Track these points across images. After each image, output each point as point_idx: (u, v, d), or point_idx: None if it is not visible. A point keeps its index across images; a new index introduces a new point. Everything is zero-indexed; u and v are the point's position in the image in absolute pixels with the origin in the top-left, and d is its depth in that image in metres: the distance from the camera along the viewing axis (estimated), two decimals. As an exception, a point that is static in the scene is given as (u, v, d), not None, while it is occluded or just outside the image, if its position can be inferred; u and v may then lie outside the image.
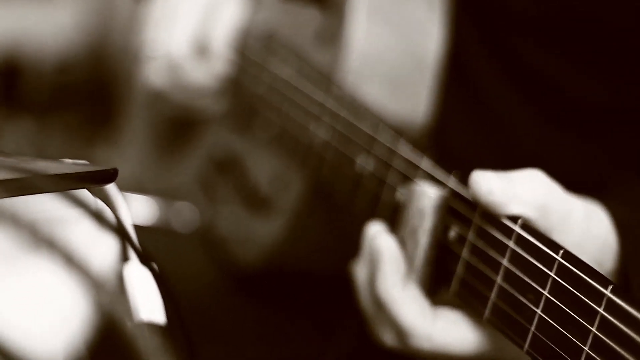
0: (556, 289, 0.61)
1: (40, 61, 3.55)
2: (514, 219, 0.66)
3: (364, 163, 0.86)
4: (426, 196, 0.71)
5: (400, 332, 0.71)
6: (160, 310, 0.75)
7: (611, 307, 0.56)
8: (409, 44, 0.98)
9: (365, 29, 0.97)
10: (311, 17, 1.04)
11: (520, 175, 0.68)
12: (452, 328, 0.70)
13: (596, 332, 0.57)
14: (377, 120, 0.87)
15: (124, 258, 0.74)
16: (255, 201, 1.11)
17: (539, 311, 0.62)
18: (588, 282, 0.59)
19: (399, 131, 0.83)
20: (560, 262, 0.61)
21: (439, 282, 0.72)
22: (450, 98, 0.98)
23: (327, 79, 0.97)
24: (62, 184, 0.64)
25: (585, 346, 0.58)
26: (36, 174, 0.62)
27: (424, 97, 0.98)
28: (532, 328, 0.62)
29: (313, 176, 0.99)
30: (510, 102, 0.99)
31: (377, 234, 0.74)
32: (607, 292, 0.57)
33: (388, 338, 0.74)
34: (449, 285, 0.71)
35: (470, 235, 0.69)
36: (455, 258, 0.70)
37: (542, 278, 0.62)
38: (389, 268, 0.71)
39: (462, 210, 0.70)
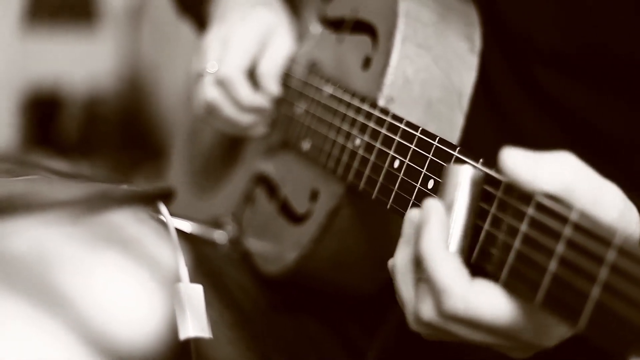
0: (572, 246, 0.65)
1: (80, 96, 3.60)
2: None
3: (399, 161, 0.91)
4: (463, 171, 0.77)
5: (437, 294, 0.73)
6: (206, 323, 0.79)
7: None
8: (449, 73, 1.03)
9: (408, 56, 1.02)
10: (362, 44, 1.10)
11: (549, 156, 0.71)
12: (487, 292, 0.71)
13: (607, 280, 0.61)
14: (413, 127, 0.92)
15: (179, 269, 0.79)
16: (288, 215, 1.16)
17: (552, 269, 0.66)
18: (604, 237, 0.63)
19: (434, 134, 0.89)
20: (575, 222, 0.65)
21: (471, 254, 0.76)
22: (477, 121, 1.03)
23: (364, 99, 1.02)
24: (135, 200, 0.71)
25: (589, 293, 0.62)
26: (112, 193, 0.68)
27: (459, 125, 1.03)
28: (545, 284, 0.66)
29: (345, 190, 1.03)
30: (534, 127, 1.04)
31: (425, 200, 0.77)
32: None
33: (426, 309, 0.75)
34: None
35: (493, 209, 0.74)
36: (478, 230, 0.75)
37: (556, 238, 0.66)
38: (436, 227, 0.74)
39: (489, 187, 0.75)
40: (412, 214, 0.80)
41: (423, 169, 0.87)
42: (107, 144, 3.49)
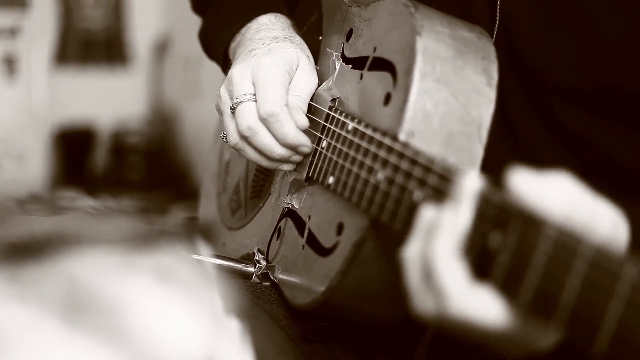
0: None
1: (109, 133, 3.65)
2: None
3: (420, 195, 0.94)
4: (472, 186, 0.83)
5: (439, 294, 0.80)
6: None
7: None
8: (468, 107, 1.06)
9: (427, 91, 1.05)
10: (383, 81, 1.13)
11: (550, 177, 0.78)
12: (482, 298, 0.78)
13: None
14: (431, 160, 0.95)
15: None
16: (315, 248, 1.18)
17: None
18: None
19: (452, 167, 0.92)
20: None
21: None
22: (494, 151, 1.06)
23: (385, 134, 1.05)
24: (179, 237, 0.73)
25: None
26: (160, 230, 0.71)
27: (479, 156, 1.05)
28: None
29: (369, 223, 1.06)
30: (551, 157, 1.08)
31: (442, 207, 0.83)
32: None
33: (427, 303, 0.82)
34: None
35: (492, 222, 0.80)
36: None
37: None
38: (450, 236, 0.81)
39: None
40: (428, 213, 0.85)
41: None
42: (135, 180, 3.52)
